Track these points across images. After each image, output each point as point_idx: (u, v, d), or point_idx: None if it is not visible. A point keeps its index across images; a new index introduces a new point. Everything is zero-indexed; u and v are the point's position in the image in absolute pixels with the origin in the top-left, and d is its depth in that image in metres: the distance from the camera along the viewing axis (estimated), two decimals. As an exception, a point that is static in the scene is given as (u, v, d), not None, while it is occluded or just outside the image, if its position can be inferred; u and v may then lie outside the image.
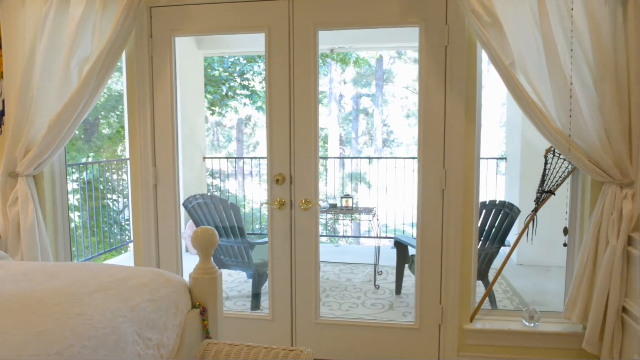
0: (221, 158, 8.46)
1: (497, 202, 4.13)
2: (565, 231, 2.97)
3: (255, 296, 4.19)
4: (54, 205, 3.29)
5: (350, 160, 10.57)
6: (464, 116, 2.90)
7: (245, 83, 9.70)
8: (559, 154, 2.95)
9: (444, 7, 2.86)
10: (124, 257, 5.91)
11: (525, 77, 2.62)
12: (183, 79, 5.19)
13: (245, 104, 10.06)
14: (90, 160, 9.38)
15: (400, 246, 4.45)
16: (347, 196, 5.25)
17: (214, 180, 8.47)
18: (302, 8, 2.99)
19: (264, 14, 3.03)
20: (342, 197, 5.24)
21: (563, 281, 3.05)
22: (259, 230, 7.76)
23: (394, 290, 4.57)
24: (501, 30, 2.60)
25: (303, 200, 3.08)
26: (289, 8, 3.00)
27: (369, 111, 14.05)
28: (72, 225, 5.47)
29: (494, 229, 3.97)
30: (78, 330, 1.52)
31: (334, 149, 12.90)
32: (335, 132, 13.03)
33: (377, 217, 5.86)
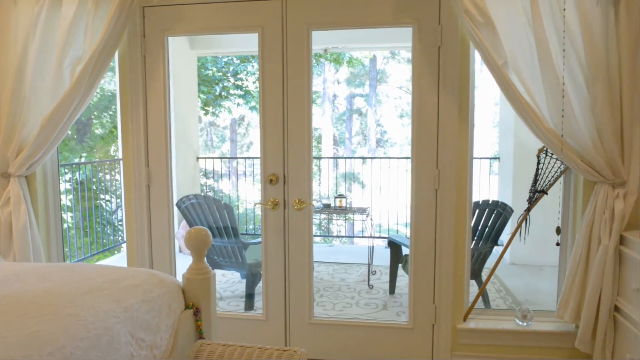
0: (214, 158, 8.43)
1: (490, 201, 4.15)
2: (558, 231, 2.98)
3: (249, 296, 4.18)
4: (47, 206, 3.27)
5: (344, 160, 10.57)
6: (457, 116, 2.91)
7: (239, 83, 9.69)
8: (552, 154, 2.97)
9: (437, 8, 2.86)
10: (117, 257, 5.89)
11: (518, 77, 2.63)
12: (176, 79, 5.18)
13: (239, 104, 10.05)
14: (83, 160, 9.33)
15: (394, 246, 4.45)
16: (340, 196, 5.25)
17: (208, 180, 8.45)
18: (295, 8, 2.99)
19: (257, 14, 3.03)
20: (335, 197, 5.24)
21: (556, 280, 3.06)
22: (253, 230, 7.75)
23: (388, 290, 4.58)
24: (494, 31, 2.61)
25: (297, 201, 3.08)
26: (282, 8, 3.00)
27: (363, 111, 14.07)
28: (65, 225, 5.44)
29: (487, 228, 3.99)
30: (70, 331, 1.51)
31: (328, 149, 12.91)
32: (329, 132, 13.04)
33: (371, 217, 5.87)
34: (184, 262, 2.52)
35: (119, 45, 3.07)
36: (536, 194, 3.13)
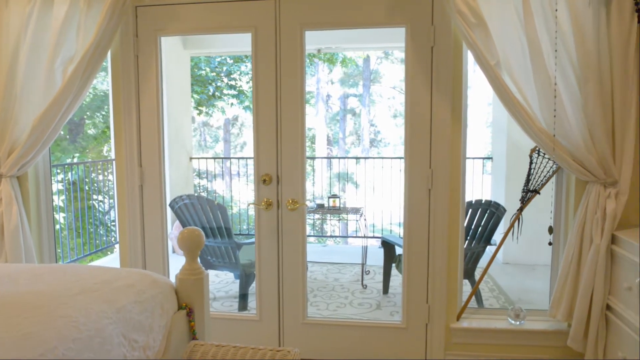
0: (208, 158, 8.41)
1: (484, 201, 4.17)
2: (550, 230, 3.00)
3: (243, 297, 4.17)
4: (39, 207, 3.25)
5: (338, 160, 10.58)
6: (450, 116, 2.91)
7: (233, 83, 9.67)
8: (544, 154, 2.98)
9: (430, 8, 2.87)
10: (110, 258, 5.86)
11: (510, 77, 2.64)
12: (169, 78, 5.16)
13: (233, 104, 10.03)
14: (75, 160, 9.29)
15: (388, 246, 4.46)
16: (334, 196, 5.26)
17: (201, 180, 8.43)
18: (288, 8, 2.98)
19: (251, 14, 3.03)
20: (329, 197, 5.24)
21: (548, 279, 3.08)
22: (247, 230, 7.74)
23: (382, 290, 4.59)
24: (487, 31, 2.62)
25: (290, 201, 3.08)
26: (275, 8, 3.00)
27: (357, 111, 14.09)
28: (57, 226, 5.41)
29: (480, 228, 4.00)
30: (62, 332, 1.50)
31: (322, 149, 12.91)
32: (322, 132, 13.05)
33: (365, 217, 5.87)
34: (177, 263, 2.51)
35: (111, 45, 3.06)
36: (529, 193, 3.14)
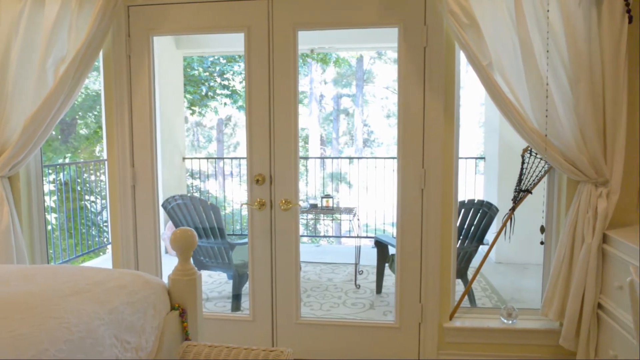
0: (201, 159, 8.40)
1: (476, 201, 4.18)
2: (542, 229, 3.01)
3: (236, 297, 4.16)
4: (30, 207, 3.23)
5: (331, 160, 10.59)
6: (443, 116, 2.92)
7: (226, 83, 9.66)
8: (536, 154, 3.00)
9: (422, 8, 2.88)
10: (102, 259, 5.84)
11: (502, 77, 2.65)
12: (162, 78, 5.14)
13: (226, 104, 10.01)
14: (67, 161, 9.23)
15: (381, 246, 4.47)
16: (327, 196, 5.26)
17: (194, 181, 8.41)
18: (281, 8, 2.98)
19: (243, 13, 3.02)
20: (322, 197, 5.24)
21: (540, 278, 3.10)
22: (240, 231, 7.73)
23: (375, 290, 4.59)
24: (479, 32, 2.63)
25: (283, 201, 3.08)
26: (268, 8, 2.99)
27: (350, 111, 14.09)
28: (49, 227, 5.38)
29: (473, 227, 4.01)
30: (54, 334, 1.49)
31: (315, 149, 12.91)
32: (316, 132, 13.05)
33: (358, 217, 5.88)
34: (170, 263, 2.51)
35: (103, 45, 3.04)
36: (521, 193, 3.16)
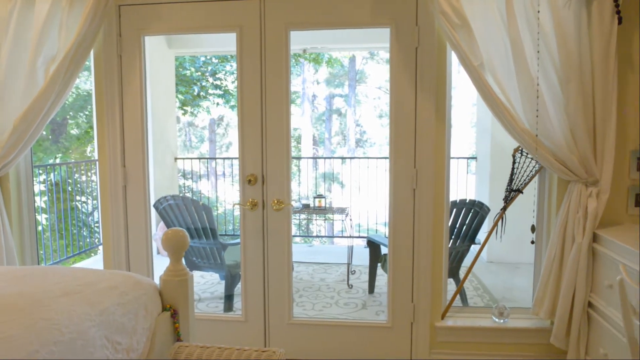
0: (193, 159, 8.38)
1: (468, 201, 4.20)
2: (533, 229, 3.03)
3: (228, 298, 4.16)
4: (20, 208, 3.20)
5: (324, 160, 10.59)
6: (435, 116, 2.93)
7: (218, 83, 9.63)
8: (527, 154, 3.01)
9: (414, 9, 2.88)
10: (93, 260, 5.80)
11: (493, 78, 2.67)
12: (153, 78, 5.13)
13: (218, 104, 9.99)
14: (58, 161, 9.17)
15: (373, 245, 4.47)
16: (320, 196, 5.26)
17: (186, 181, 8.38)
18: (273, 8, 2.98)
19: (235, 13, 3.02)
20: (315, 197, 5.24)
21: (531, 278, 3.11)
22: (232, 231, 7.71)
23: (367, 290, 4.60)
24: (470, 32, 2.64)
25: (275, 201, 3.08)
26: (260, 8, 2.99)
27: (342, 111, 14.10)
28: (40, 228, 5.34)
29: (465, 227, 4.03)
30: (44, 335, 1.49)
31: (308, 149, 12.91)
32: (308, 132, 13.04)
33: (350, 217, 5.88)
34: (161, 264, 2.50)
35: (94, 45, 3.02)
36: (512, 193, 3.17)
